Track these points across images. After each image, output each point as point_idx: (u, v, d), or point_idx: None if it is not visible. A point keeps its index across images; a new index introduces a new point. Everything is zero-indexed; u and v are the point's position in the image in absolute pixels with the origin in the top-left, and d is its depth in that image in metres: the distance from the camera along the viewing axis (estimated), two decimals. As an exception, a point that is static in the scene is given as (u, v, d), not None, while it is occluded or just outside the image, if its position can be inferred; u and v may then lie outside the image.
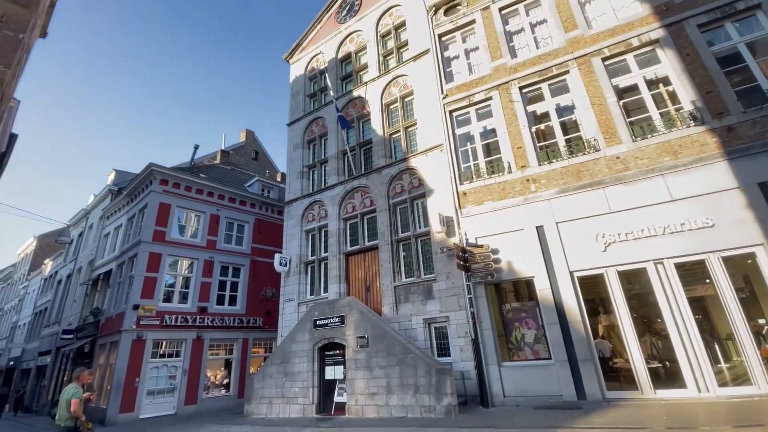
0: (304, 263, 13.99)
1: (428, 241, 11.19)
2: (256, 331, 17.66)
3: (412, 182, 12.01)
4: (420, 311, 10.50)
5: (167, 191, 16.83)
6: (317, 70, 17.04)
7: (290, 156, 16.31)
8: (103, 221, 20.76)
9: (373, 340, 9.68)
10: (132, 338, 14.16)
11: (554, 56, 10.34)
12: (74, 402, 5.72)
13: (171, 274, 16.17)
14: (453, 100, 11.57)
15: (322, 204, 14.26)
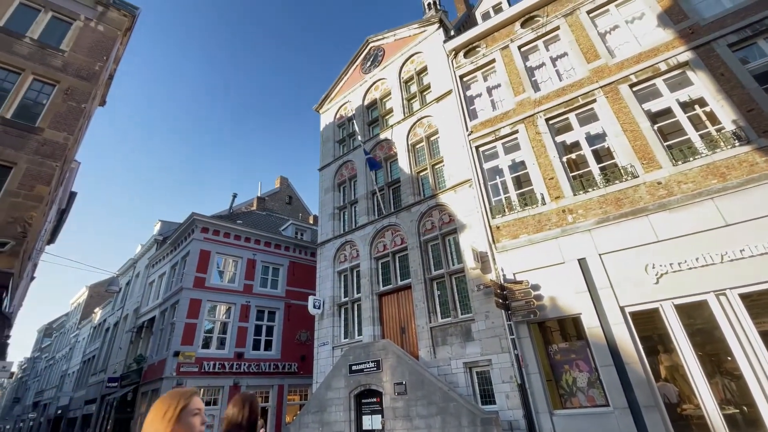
0: (338, 305, 13.90)
1: (463, 279, 10.87)
2: (292, 377, 17.40)
3: (443, 218, 11.93)
4: (459, 354, 9.98)
5: (208, 238, 17.62)
6: (345, 117, 17.87)
7: (322, 199, 16.78)
8: (149, 269, 21.86)
9: (412, 386, 9.24)
10: (172, 385, 14.31)
11: (579, 86, 10.32)
12: None
13: (210, 320, 16.51)
14: (478, 136, 11.66)
15: (353, 244, 14.36)
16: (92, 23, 12.62)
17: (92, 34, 12.47)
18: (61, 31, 12.03)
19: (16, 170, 9.45)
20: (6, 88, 10.29)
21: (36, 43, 11.26)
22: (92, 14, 12.75)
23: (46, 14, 11.91)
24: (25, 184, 9.42)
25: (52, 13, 12.04)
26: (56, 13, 12.11)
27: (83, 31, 12.31)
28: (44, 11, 11.89)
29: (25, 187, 9.40)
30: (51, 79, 11.00)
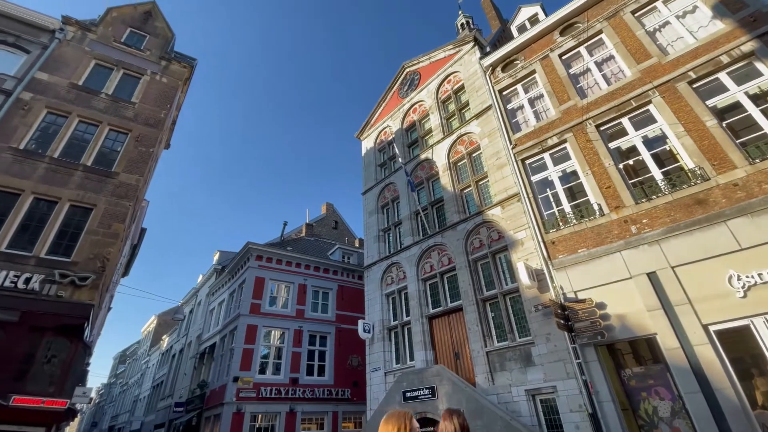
0: (387, 329, 13.73)
1: (518, 299, 10.32)
2: (345, 404, 17.26)
3: (491, 235, 11.54)
4: (520, 381, 9.36)
5: (262, 266, 18.41)
6: (385, 141, 18.21)
7: (366, 222, 16.99)
8: (209, 298, 23.16)
9: (470, 415, 8.75)
10: (232, 411, 14.75)
11: (630, 89, 9.74)
12: None
13: (265, 345, 16.99)
14: (523, 149, 11.30)
15: (399, 266, 14.27)
16: (157, 76, 14.12)
17: (157, 85, 13.93)
18: (131, 85, 13.56)
19: (96, 211, 10.58)
20: (87, 139, 11.68)
21: (110, 97, 12.76)
22: (157, 69, 14.30)
23: (118, 72, 13.52)
24: (103, 223, 10.49)
25: (123, 70, 13.65)
26: (127, 70, 13.71)
27: (150, 84, 13.79)
28: (116, 69, 13.52)
29: (103, 225, 10.47)
30: (124, 128, 12.36)
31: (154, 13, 15.75)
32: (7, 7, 12.46)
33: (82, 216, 10.42)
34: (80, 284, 9.41)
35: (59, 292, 9.17)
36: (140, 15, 15.37)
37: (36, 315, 8.71)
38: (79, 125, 11.79)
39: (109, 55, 13.57)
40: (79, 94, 12.20)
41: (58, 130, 11.37)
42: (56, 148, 11.02)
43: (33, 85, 11.57)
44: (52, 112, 11.56)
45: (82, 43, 13.27)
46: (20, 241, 9.49)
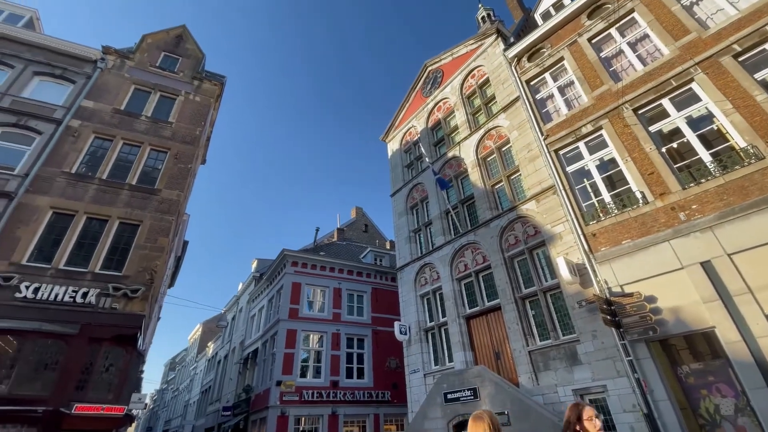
0: (424, 330, 13.63)
1: (560, 295, 9.94)
2: (386, 406, 17.28)
3: (527, 231, 11.19)
4: (566, 380, 8.99)
5: (298, 271, 18.84)
6: (411, 142, 18.15)
7: (396, 223, 16.98)
8: (250, 304, 23.96)
9: (516, 417, 8.52)
10: (277, 414, 15.15)
11: (669, 68, 9.17)
12: None
13: (305, 349, 17.34)
14: (556, 139, 10.90)
15: (432, 266, 14.14)
16: (191, 96, 14.83)
17: (191, 104, 14.62)
18: (168, 106, 14.31)
19: (143, 227, 11.23)
20: (131, 160, 12.43)
21: (150, 119, 13.52)
22: (190, 89, 15.01)
23: (156, 94, 14.31)
24: (150, 238, 11.12)
25: (160, 93, 14.43)
26: (163, 92, 14.48)
27: (184, 104, 14.50)
28: (154, 92, 14.31)
29: (150, 240, 11.09)
30: (163, 147, 13.06)
31: (184, 36, 16.55)
32: (55, 42, 13.51)
33: (130, 232, 11.09)
34: (132, 296, 10.02)
35: (113, 304, 9.80)
36: (172, 39, 16.20)
37: (94, 327, 9.35)
38: (124, 147, 12.58)
39: (147, 80, 14.40)
40: (121, 118, 13.02)
41: (105, 153, 12.17)
42: (104, 170, 11.81)
43: (80, 113, 12.47)
44: (98, 137, 12.40)
45: (121, 70, 14.16)
46: (76, 258, 10.23)
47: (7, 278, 9.18)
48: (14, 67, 12.53)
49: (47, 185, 10.81)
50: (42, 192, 10.66)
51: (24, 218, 10.10)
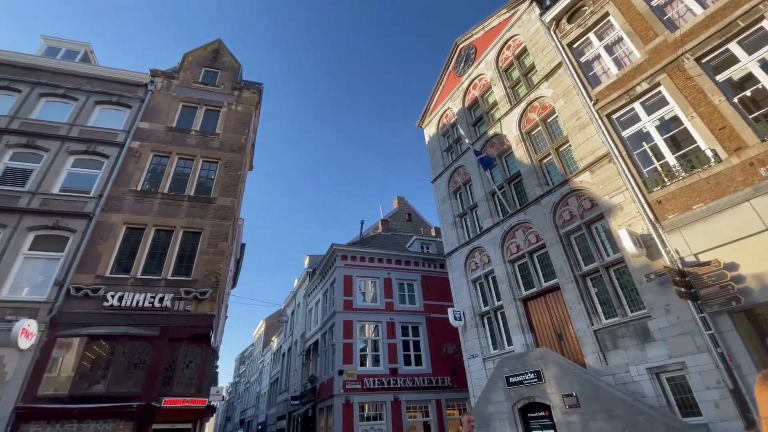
0: (479, 315, 13.42)
1: (624, 270, 9.30)
2: (447, 392, 17.36)
3: (582, 204, 10.55)
4: (639, 359, 8.44)
5: (348, 264, 19.32)
6: (448, 124, 17.72)
7: (440, 209, 16.75)
8: (306, 299, 25.02)
9: (585, 398, 8.17)
10: (342, 402, 15.77)
11: (735, 7, 8.10)
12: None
13: (361, 339, 17.81)
14: (607, 102, 10.10)
15: (482, 250, 13.81)
16: (233, 106, 15.54)
17: (234, 114, 15.33)
18: (213, 118, 15.11)
19: (204, 234, 12.05)
20: (186, 173, 13.32)
21: (199, 132, 14.37)
22: (232, 99, 15.73)
23: (201, 109, 15.16)
24: (211, 244, 11.92)
25: (205, 107, 15.26)
26: (208, 106, 15.30)
27: (228, 114, 15.24)
28: (200, 107, 15.16)
29: (212, 245, 11.89)
30: (214, 158, 13.85)
31: (220, 49, 17.31)
32: (109, 72, 14.72)
33: (193, 239, 11.96)
34: (201, 298, 10.85)
35: (186, 306, 10.67)
36: (210, 54, 17.01)
37: (172, 328, 10.25)
38: (179, 162, 13.51)
39: (192, 96, 15.28)
40: (174, 135, 13.97)
41: (164, 169, 13.15)
42: (165, 185, 12.78)
43: (138, 134, 13.53)
44: (156, 155, 13.41)
45: (169, 90, 15.14)
46: (150, 267, 11.22)
47: (95, 290, 10.29)
48: (78, 100, 13.84)
49: (119, 203, 11.92)
50: (115, 210, 11.77)
51: (103, 235, 11.23)
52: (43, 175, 11.80)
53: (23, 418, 8.55)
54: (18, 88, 13.38)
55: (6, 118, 12.53)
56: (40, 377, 9.08)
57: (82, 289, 10.19)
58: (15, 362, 8.96)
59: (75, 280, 10.31)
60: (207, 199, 12.80)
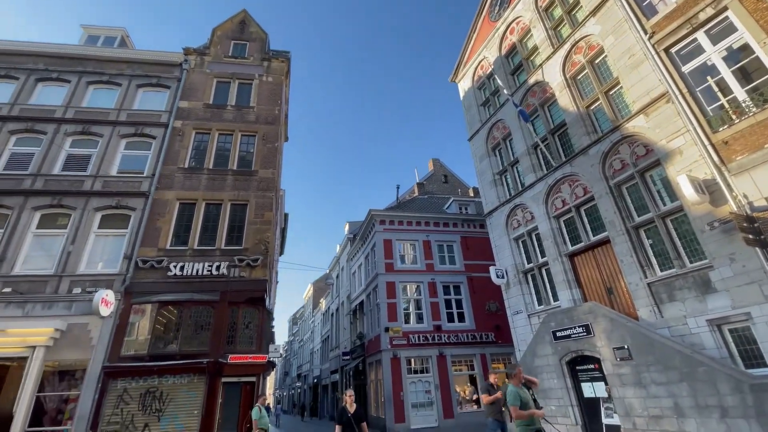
0: (522, 272, 13.26)
1: (683, 219, 8.69)
2: (491, 347, 17.70)
3: (635, 152, 9.79)
4: (698, 311, 8.05)
5: (386, 229, 19.60)
6: (484, 76, 16.74)
7: (478, 168, 16.26)
8: (349, 263, 25.91)
9: (638, 351, 8.01)
10: (390, 356, 16.60)
11: None
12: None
13: (404, 299, 18.35)
14: (665, 35, 9.02)
15: (524, 207, 13.40)
16: (264, 77, 15.59)
17: (266, 86, 15.41)
18: (247, 92, 15.29)
19: (250, 205, 12.61)
20: (227, 148, 13.78)
21: (235, 107, 14.66)
22: (262, 71, 15.75)
23: (234, 83, 15.34)
24: (258, 214, 12.48)
25: (238, 80, 15.42)
26: (240, 79, 15.45)
27: (260, 86, 15.34)
28: (233, 81, 15.35)
29: (258, 216, 12.46)
30: (251, 131, 14.16)
31: (246, 20, 17.15)
32: (145, 54, 15.15)
33: (241, 211, 12.58)
34: (254, 265, 11.57)
35: (241, 273, 11.44)
36: (237, 26, 16.93)
37: (230, 293, 11.10)
38: (220, 137, 13.96)
39: (225, 71, 15.46)
40: (213, 112, 14.36)
41: (206, 146, 13.68)
42: (209, 161, 13.34)
43: (180, 114, 14.04)
44: (198, 132, 13.93)
45: (202, 67, 15.39)
46: (205, 239, 12.02)
47: (159, 261, 11.25)
48: (121, 85, 14.47)
49: (170, 181, 12.67)
50: (167, 187, 12.54)
51: (160, 211, 12.08)
52: (101, 159, 12.70)
53: (111, 376, 9.82)
54: (67, 79, 14.18)
55: (62, 108, 13.42)
56: (121, 340, 10.28)
57: (148, 261, 11.18)
58: (99, 328, 10.17)
59: (141, 254, 11.30)
60: (249, 172, 13.26)
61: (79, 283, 10.62)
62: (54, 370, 9.69)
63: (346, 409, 6.15)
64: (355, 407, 6.23)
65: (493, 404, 6.67)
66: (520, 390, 5.02)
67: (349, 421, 6.00)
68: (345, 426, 5.98)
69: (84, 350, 9.89)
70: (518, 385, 5.11)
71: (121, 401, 9.69)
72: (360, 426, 6.06)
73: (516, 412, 4.81)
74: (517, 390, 5.00)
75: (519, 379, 5.12)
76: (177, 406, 9.82)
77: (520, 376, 5.14)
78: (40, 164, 12.26)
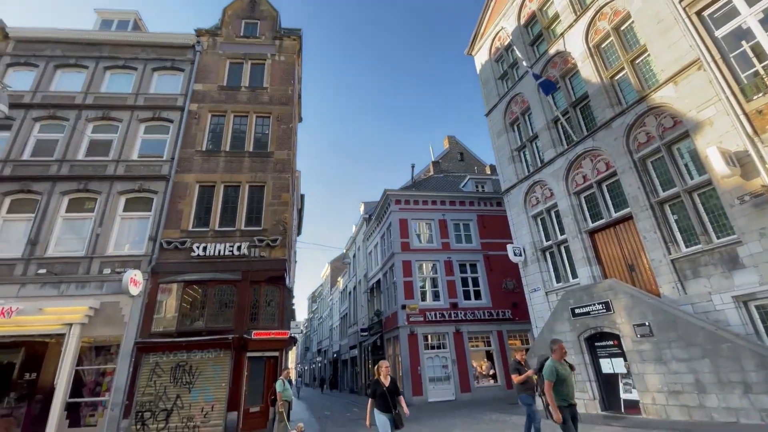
0: (540, 250, 13.12)
1: (711, 193, 8.36)
2: (507, 323, 17.80)
3: (662, 123, 9.37)
4: (724, 287, 7.85)
5: (402, 208, 19.59)
6: (502, 48, 16.12)
7: (495, 144, 15.91)
8: (366, 243, 26.16)
9: (659, 327, 7.92)
10: (407, 333, 16.93)
11: None
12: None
13: (420, 277, 18.50)
14: (699, -3, 8.44)
15: (543, 183, 13.12)
16: (276, 57, 15.42)
17: (279, 65, 15.25)
18: (260, 72, 15.18)
19: (267, 186, 12.75)
20: (243, 130, 13.84)
21: (248, 88, 14.61)
22: (274, 50, 15.56)
23: (247, 64, 15.23)
24: (275, 195, 12.64)
25: (251, 61, 15.30)
26: (253, 60, 15.33)
27: (273, 66, 15.20)
28: (245, 62, 15.24)
29: (276, 197, 12.62)
30: (266, 112, 14.15)
31: (256, -4, 16.82)
32: (158, 37, 15.14)
33: (258, 192, 12.75)
34: (273, 245, 11.81)
35: (261, 253, 11.71)
36: (247, 5, 16.65)
37: (251, 272, 11.40)
38: (235, 119, 14.02)
39: (237, 51, 15.35)
40: (227, 94, 14.37)
41: (222, 128, 13.77)
42: (226, 143, 13.46)
43: (195, 97, 14.10)
44: (214, 115, 14.00)
45: (215, 48, 15.31)
46: (225, 220, 12.28)
47: (182, 242, 11.59)
48: (137, 69, 14.55)
49: (189, 164, 12.88)
50: (186, 171, 12.76)
51: (180, 194, 12.36)
52: (122, 144, 12.96)
53: (143, 351, 10.35)
54: (85, 65, 14.35)
55: (81, 94, 13.66)
56: (151, 317, 10.76)
57: (172, 242, 11.53)
58: (129, 306, 10.66)
59: (165, 235, 11.66)
60: (265, 153, 13.34)
61: (109, 264, 11.09)
62: (90, 345, 10.28)
63: (380, 381, 5.54)
64: (390, 379, 5.62)
65: (524, 383, 6.63)
66: (559, 365, 4.89)
67: (384, 395, 5.41)
68: (380, 399, 5.41)
69: (117, 327, 10.43)
70: (559, 360, 4.97)
71: (153, 374, 10.25)
72: (396, 400, 5.47)
73: (548, 387, 4.77)
74: (555, 365, 4.88)
75: (561, 354, 4.98)
76: (206, 379, 10.33)
77: (561, 351, 5.00)
78: (64, 150, 12.62)
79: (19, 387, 9.86)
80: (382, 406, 5.41)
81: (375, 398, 5.48)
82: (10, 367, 10.05)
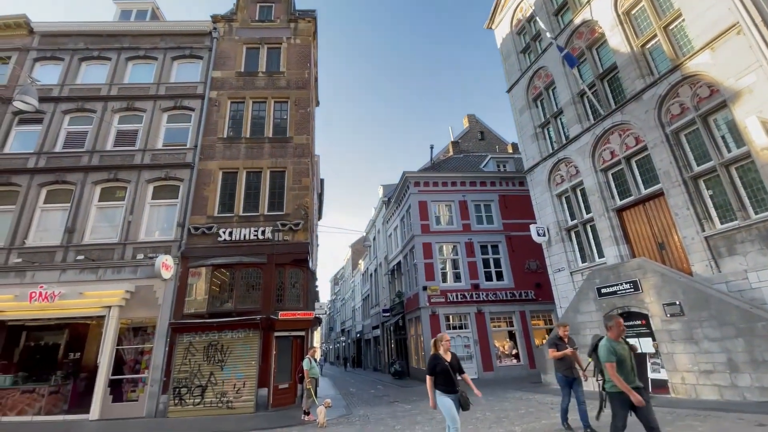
0: (565, 229, 12.84)
1: (750, 167, 7.91)
2: (530, 304, 17.67)
3: (698, 93, 8.84)
4: (761, 264, 7.49)
5: (421, 191, 19.46)
6: (524, 19, 15.44)
7: (518, 121, 15.46)
8: (386, 225, 26.26)
9: (690, 306, 7.70)
10: (429, 313, 17.09)
11: None
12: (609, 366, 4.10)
13: (440, 259, 18.49)
14: (743, -47, 7.77)
15: (568, 161, 12.71)
16: (292, 40, 15.31)
17: (294, 49, 15.16)
18: (276, 56, 15.14)
19: (288, 172, 12.90)
20: (262, 116, 13.94)
21: (266, 73, 14.62)
22: (289, 33, 15.43)
23: (263, 48, 15.20)
24: (296, 180, 12.79)
25: (267, 45, 15.26)
26: (269, 44, 15.27)
27: (289, 50, 15.12)
28: (261, 47, 15.21)
29: (296, 182, 12.77)
30: (283, 97, 14.17)
31: (270, -22, 16.58)
32: (176, 26, 15.25)
33: (280, 178, 12.93)
34: (295, 229, 12.04)
35: (284, 237, 11.97)
36: (261, -14, 16.45)
37: (276, 255, 11.70)
38: (254, 105, 14.12)
39: (253, 36, 15.32)
40: (245, 80, 14.44)
41: (242, 115, 13.91)
42: (246, 130, 13.62)
43: (214, 84, 14.25)
44: (233, 101, 14.14)
45: (231, 34, 15.32)
46: (248, 206, 12.56)
47: (209, 227, 11.95)
48: (157, 59, 14.77)
49: (212, 151, 13.14)
50: (209, 158, 13.04)
51: (205, 181, 12.67)
52: (147, 133, 13.32)
53: (177, 331, 10.89)
54: (108, 56, 14.67)
55: (106, 86, 14.03)
56: (183, 300, 11.26)
57: (199, 228, 11.92)
58: (162, 290, 11.18)
59: (192, 221, 12.05)
60: (284, 138, 13.43)
61: (141, 250, 11.59)
62: (128, 326, 10.90)
63: (439, 356, 4.79)
64: (452, 355, 4.88)
65: (561, 360, 6.17)
66: (617, 344, 4.14)
67: (447, 371, 4.67)
68: (441, 377, 4.69)
69: (152, 309, 10.99)
70: (616, 338, 4.20)
71: (188, 353, 10.81)
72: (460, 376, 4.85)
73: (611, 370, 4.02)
74: (612, 344, 4.13)
75: (618, 332, 4.20)
76: (237, 357, 10.82)
77: (619, 328, 4.20)
78: (94, 141, 13.08)
79: (65, 366, 10.63)
80: (445, 385, 4.66)
81: (434, 375, 4.73)
82: (55, 347, 10.83)
